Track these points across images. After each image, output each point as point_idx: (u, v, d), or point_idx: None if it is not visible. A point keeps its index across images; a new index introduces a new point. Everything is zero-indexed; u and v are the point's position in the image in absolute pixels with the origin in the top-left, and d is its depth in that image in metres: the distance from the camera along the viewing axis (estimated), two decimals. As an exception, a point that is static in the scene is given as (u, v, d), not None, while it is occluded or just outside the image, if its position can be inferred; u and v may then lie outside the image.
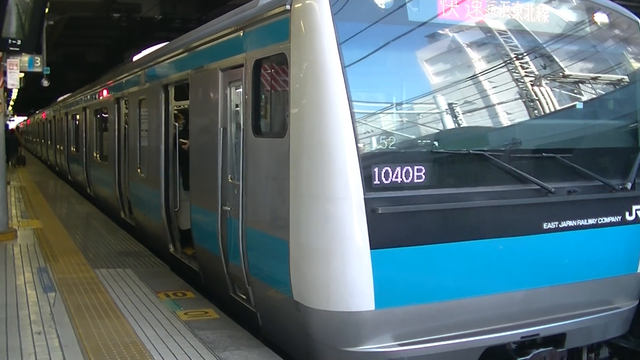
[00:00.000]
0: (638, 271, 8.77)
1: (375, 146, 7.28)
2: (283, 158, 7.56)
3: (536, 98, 8.23)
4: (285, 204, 7.52)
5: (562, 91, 8.51)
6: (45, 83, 23.55)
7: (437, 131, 7.75)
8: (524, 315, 7.98)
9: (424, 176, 7.26)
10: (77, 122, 27.56)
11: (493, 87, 8.00)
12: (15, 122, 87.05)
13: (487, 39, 8.04)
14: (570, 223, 8.10)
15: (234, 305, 9.70)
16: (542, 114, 8.38)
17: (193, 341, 8.48)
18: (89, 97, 24.19)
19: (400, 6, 7.44)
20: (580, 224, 8.17)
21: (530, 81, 8.18)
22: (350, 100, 6.97)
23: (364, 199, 6.96)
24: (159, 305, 10.06)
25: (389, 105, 7.63)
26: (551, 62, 8.38)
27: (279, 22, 7.78)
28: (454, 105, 7.73)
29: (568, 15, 8.60)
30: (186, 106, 12.77)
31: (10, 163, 40.50)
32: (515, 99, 8.19)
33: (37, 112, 59.81)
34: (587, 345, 8.75)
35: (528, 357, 7.94)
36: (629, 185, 8.43)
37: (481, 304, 7.70)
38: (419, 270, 7.32)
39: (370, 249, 7.00)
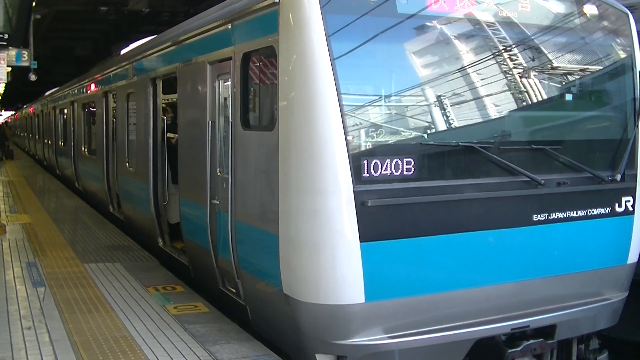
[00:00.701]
0: (627, 262, 8.80)
1: (364, 139, 7.26)
2: (272, 151, 7.55)
3: (525, 90, 8.23)
4: (274, 198, 7.51)
5: (551, 83, 8.51)
6: (33, 77, 23.47)
7: (426, 123, 7.74)
8: (514, 307, 7.99)
9: (413, 168, 7.25)
10: (65, 116, 27.46)
11: (482, 79, 7.99)
12: (3, 116, 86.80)
13: (476, 31, 8.02)
14: (560, 215, 8.11)
15: (223, 299, 9.68)
16: (531, 106, 8.38)
17: (183, 335, 8.47)
18: (76, 91, 24.10)
19: (389, -2, 7.42)
20: (570, 215, 8.19)
21: (519, 73, 8.18)
22: (339, 93, 6.96)
23: (354, 191, 6.95)
24: (148, 299, 10.03)
25: (378, 97, 7.62)
26: (540, 54, 8.38)
27: (268, 14, 7.75)
28: (443, 97, 7.72)
29: (557, 7, 8.60)
30: (174, 100, 12.73)
31: None
32: (504, 91, 8.19)
33: (25, 106, 59.59)
34: (576, 336, 8.76)
35: (518, 348, 7.96)
36: (618, 177, 8.44)
37: (471, 296, 7.71)
38: (409, 263, 7.32)
39: (360, 242, 6.99)
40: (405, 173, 7.21)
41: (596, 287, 8.64)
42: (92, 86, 20.39)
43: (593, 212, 8.36)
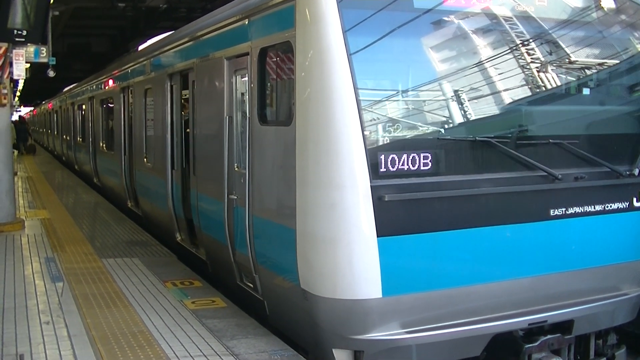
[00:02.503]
0: (646, 257, 8.76)
1: (381, 134, 7.26)
2: (289, 146, 7.55)
3: (542, 84, 8.20)
4: (291, 192, 7.52)
5: (569, 77, 8.47)
6: (51, 73, 23.50)
7: (444, 118, 7.73)
8: (532, 302, 7.96)
9: (430, 163, 7.24)
10: (83, 112, 27.60)
11: (499, 74, 7.97)
12: (22, 112, 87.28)
13: (492, 26, 8.01)
14: (578, 209, 8.07)
15: (241, 294, 9.71)
16: (548, 100, 8.35)
17: (201, 330, 8.50)
18: (94, 87, 24.21)
19: (406, -7, 7.42)
20: (588, 210, 8.15)
21: (537, 67, 8.15)
22: (356, 88, 6.96)
23: (371, 186, 6.94)
24: (166, 294, 10.07)
25: (395, 92, 7.61)
26: (557, 48, 8.34)
27: (285, 10, 7.76)
28: (460, 92, 7.70)
29: (574, 0, 8.56)
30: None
31: (20, 151, 41.35)
32: (522, 86, 8.17)
33: (44, 102, 59.95)
34: (594, 331, 8.73)
35: (535, 344, 7.94)
36: (636, 172, 8.39)
37: (488, 291, 7.69)
38: (426, 258, 7.31)
39: (377, 236, 6.99)
40: (422, 168, 7.20)
41: (614, 282, 8.59)
42: (110, 82, 20.48)
43: (611, 206, 8.31)
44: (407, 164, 7.13)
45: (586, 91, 8.48)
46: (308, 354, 8.15)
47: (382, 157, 7.03)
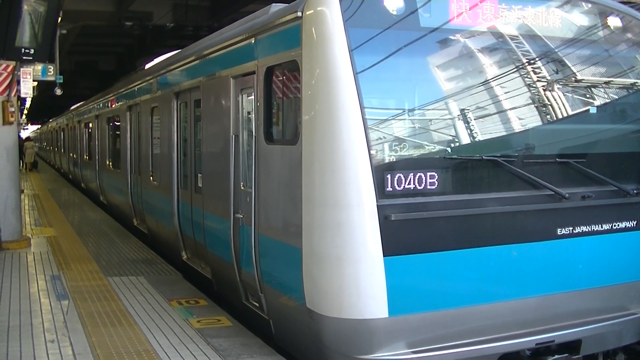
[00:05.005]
0: (654, 277, 8.71)
1: (387, 153, 7.25)
2: (295, 165, 7.55)
3: (549, 103, 8.19)
4: (297, 211, 7.50)
5: (575, 96, 8.46)
6: (58, 91, 23.66)
7: (450, 137, 7.72)
8: (539, 322, 7.92)
9: (437, 182, 7.22)
10: (89, 130, 27.67)
11: (505, 93, 7.96)
12: (29, 130, 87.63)
13: (499, 44, 8.01)
14: (585, 229, 8.04)
15: (246, 313, 9.68)
16: (556, 119, 8.34)
17: (206, 349, 8.46)
18: (101, 105, 24.28)
19: (412, 12, 7.41)
20: (595, 229, 8.12)
21: (543, 86, 8.14)
22: (362, 107, 6.95)
23: (377, 205, 6.93)
24: (171, 313, 10.04)
25: (401, 111, 7.61)
26: (564, 66, 8.34)
27: (291, 29, 7.77)
28: (466, 111, 7.69)
29: (580, 19, 8.56)
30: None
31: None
32: (528, 104, 8.16)
33: (51, 120, 60.27)
34: (602, 351, 8.67)
35: (543, 364, 7.90)
36: (643, 190, 8.38)
37: (495, 311, 7.65)
38: (433, 277, 7.28)
39: (383, 256, 6.96)
40: (428, 187, 7.19)
41: (622, 301, 8.55)
42: (117, 100, 20.53)
43: (618, 225, 8.28)
44: (414, 183, 7.11)
45: (593, 110, 8.46)
46: (314, 373, 8.12)
47: (389, 176, 7.02)
